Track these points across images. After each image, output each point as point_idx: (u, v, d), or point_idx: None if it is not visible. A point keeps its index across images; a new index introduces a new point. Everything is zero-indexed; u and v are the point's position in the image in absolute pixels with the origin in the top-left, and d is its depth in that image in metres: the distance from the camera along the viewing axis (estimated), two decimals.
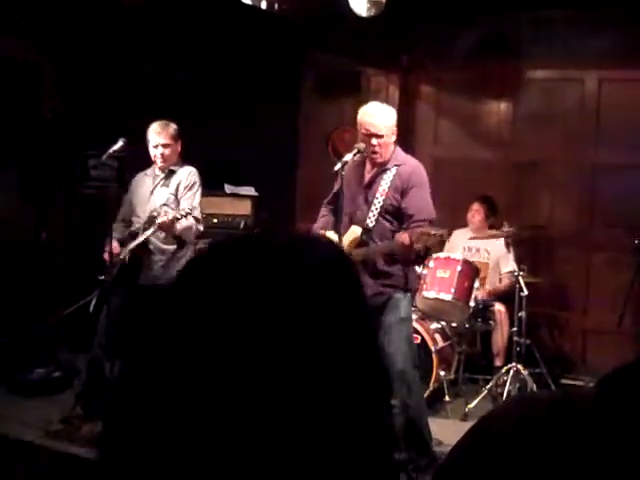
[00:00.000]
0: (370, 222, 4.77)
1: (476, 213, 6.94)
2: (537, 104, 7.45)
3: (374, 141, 4.71)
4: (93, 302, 5.54)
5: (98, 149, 6.34)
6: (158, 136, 5.63)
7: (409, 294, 4.90)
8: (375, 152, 4.73)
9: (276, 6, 6.48)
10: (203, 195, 6.53)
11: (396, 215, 4.77)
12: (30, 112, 7.03)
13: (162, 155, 5.62)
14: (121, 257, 5.56)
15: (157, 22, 6.91)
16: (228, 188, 7.42)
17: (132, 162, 6.69)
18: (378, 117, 4.76)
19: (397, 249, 4.64)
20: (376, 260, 4.75)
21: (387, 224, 4.78)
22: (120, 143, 5.75)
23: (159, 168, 5.72)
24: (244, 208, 7.35)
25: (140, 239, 5.51)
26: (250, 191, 7.45)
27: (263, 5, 6.38)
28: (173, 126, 5.69)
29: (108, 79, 7.20)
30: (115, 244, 5.67)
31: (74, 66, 7.17)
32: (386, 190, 4.76)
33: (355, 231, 4.79)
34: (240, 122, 7.70)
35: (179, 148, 5.73)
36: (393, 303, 4.74)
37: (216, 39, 7.31)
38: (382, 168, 4.82)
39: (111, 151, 5.79)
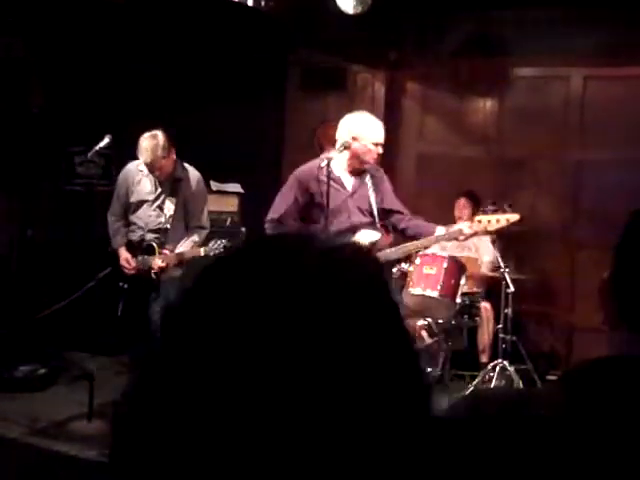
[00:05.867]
0: (378, 224, 4.97)
1: (464, 208, 6.96)
2: (523, 101, 7.47)
3: (380, 150, 4.96)
4: (120, 307, 5.51)
5: (84, 146, 6.32)
6: (148, 157, 5.38)
7: None
8: (374, 159, 4.96)
9: (263, 2, 6.47)
10: None
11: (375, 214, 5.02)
12: (16, 108, 7.00)
13: (158, 172, 5.48)
14: (147, 269, 5.49)
15: (143, 18, 6.89)
16: (214, 185, 7.40)
17: (118, 159, 6.68)
18: (382, 127, 5.04)
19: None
20: None
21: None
22: (106, 140, 5.71)
23: (157, 176, 5.56)
24: (230, 205, 7.34)
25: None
26: (236, 188, 7.45)
27: (250, 2, 6.38)
28: (161, 139, 5.37)
29: (94, 75, 7.18)
30: (127, 255, 5.58)
31: (60, 62, 7.14)
32: (374, 193, 4.99)
33: (373, 235, 4.94)
34: (226, 119, 7.68)
35: (174, 156, 5.52)
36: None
37: (202, 35, 7.29)
38: (362, 174, 5.01)
39: (97, 148, 5.76)
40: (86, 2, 6.47)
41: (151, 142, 5.35)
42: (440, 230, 5.14)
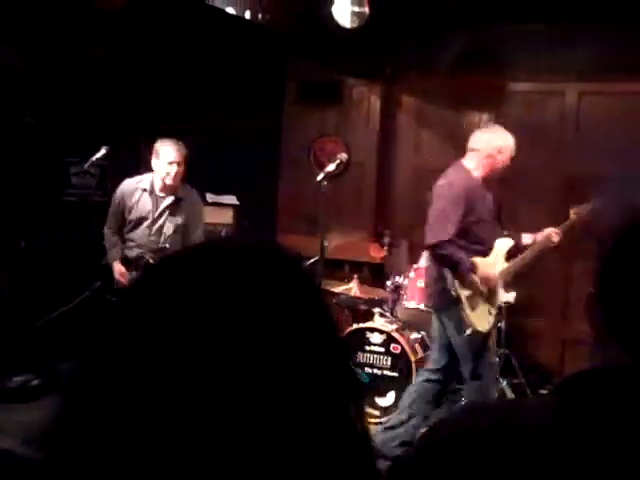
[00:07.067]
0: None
1: None
2: (518, 116, 7.49)
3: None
4: None
5: (80, 156, 6.33)
6: (175, 153, 5.46)
7: None
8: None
9: (259, 16, 6.50)
10: None
11: None
12: (12, 118, 7.00)
13: (176, 174, 5.47)
14: None
15: (141, 30, 6.91)
16: (210, 197, 7.41)
17: (114, 170, 6.69)
18: None
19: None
20: None
21: None
22: (102, 151, 5.74)
23: (163, 189, 5.56)
24: (226, 217, 7.35)
25: None
26: (232, 200, 7.45)
27: (247, 15, 6.40)
28: (184, 147, 5.55)
29: (91, 86, 7.19)
30: (122, 268, 5.55)
31: (56, 72, 7.15)
32: None
33: (509, 242, 5.22)
34: (222, 131, 7.70)
35: (184, 169, 5.61)
36: None
37: (199, 48, 7.32)
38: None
39: (93, 159, 5.78)
40: (83, 11, 6.48)
41: (175, 143, 5.50)
42: (526, 238, 5.29)
